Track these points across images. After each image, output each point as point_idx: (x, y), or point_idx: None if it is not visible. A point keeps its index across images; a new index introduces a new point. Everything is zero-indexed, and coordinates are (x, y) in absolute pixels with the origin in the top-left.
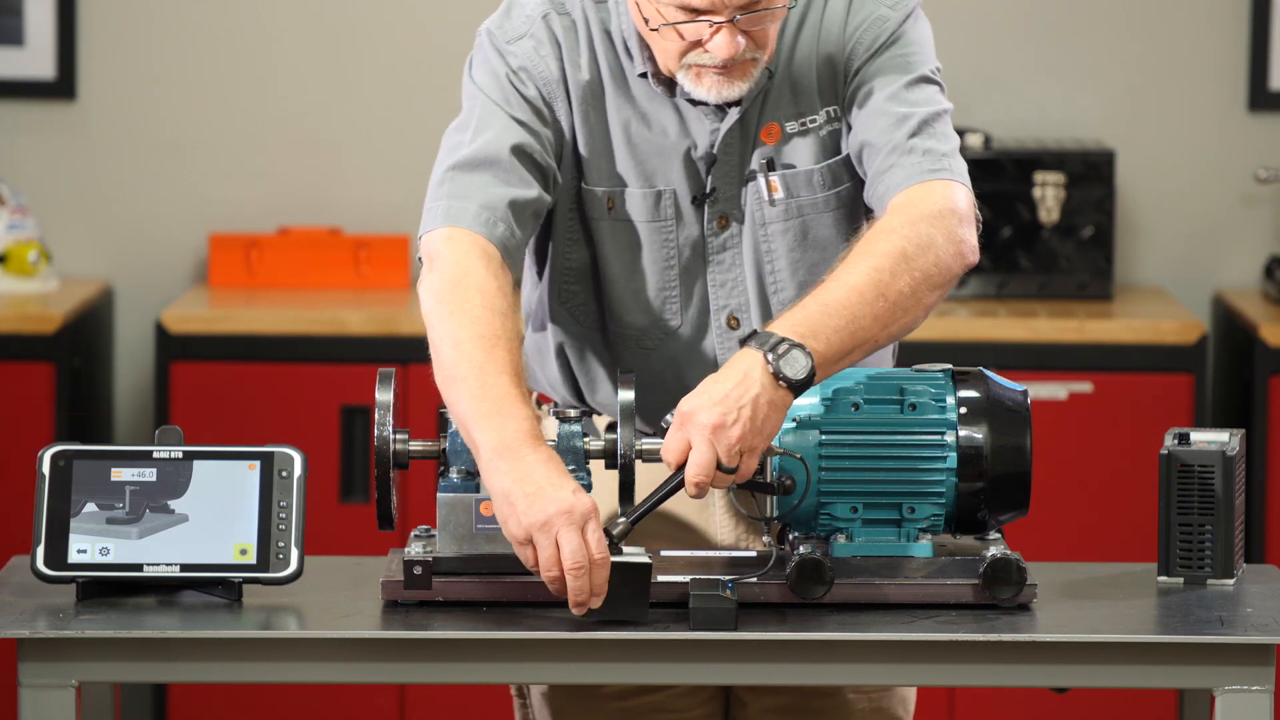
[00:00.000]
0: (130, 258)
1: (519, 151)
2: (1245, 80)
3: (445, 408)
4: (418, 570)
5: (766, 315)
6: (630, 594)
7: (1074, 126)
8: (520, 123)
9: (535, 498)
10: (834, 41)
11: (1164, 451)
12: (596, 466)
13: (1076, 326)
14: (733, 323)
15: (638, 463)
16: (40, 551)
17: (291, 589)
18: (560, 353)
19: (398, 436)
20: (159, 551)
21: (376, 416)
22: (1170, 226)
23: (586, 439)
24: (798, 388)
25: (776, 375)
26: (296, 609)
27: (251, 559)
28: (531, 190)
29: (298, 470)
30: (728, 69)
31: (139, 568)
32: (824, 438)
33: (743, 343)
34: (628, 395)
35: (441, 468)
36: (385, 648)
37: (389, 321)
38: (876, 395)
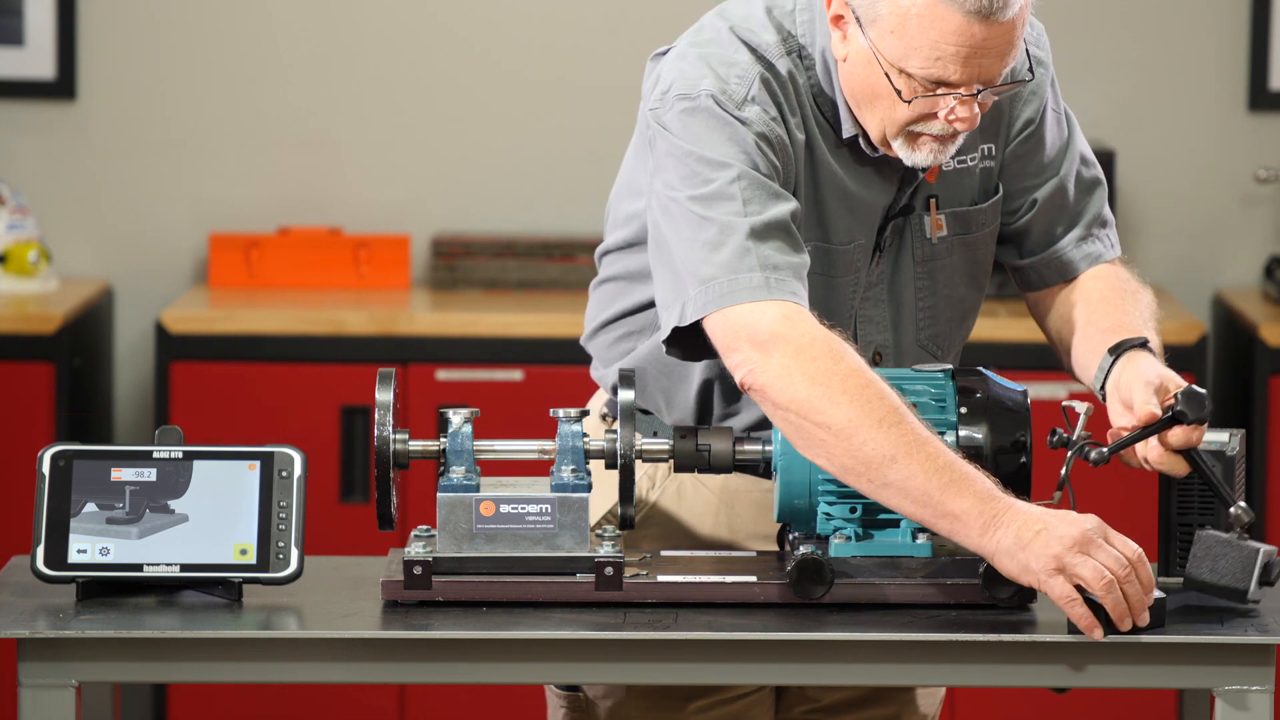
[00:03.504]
0: (130, 258)
1: (794, 216)
2: (1245, 80)
3: (445, 408)
4: (418, 570)
5: (908, 351)
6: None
7: None
8: (780, 190)
9: (1050, 531)
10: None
11: None
12: (596, 467)
13: None
14: (877, 358)
15: (638, 463)
16: (40, 551)
17: (291, 589)
18: (706, 387)
19: (398, 436)
20: (159, 551)
21: (376, 416)
22: (1170, 226)
23: (586, 439)
24: None
25: None
26: (296, 609)
27: (251, 559)
28: (807, 254)
29: (298, 470)
30: (946, 136)
31: (139, 568)
32: None
33: (1124, 350)
34: (628, 395)
35: (441, 468)
36: (385, 648)
37: (389, 321)
38: None
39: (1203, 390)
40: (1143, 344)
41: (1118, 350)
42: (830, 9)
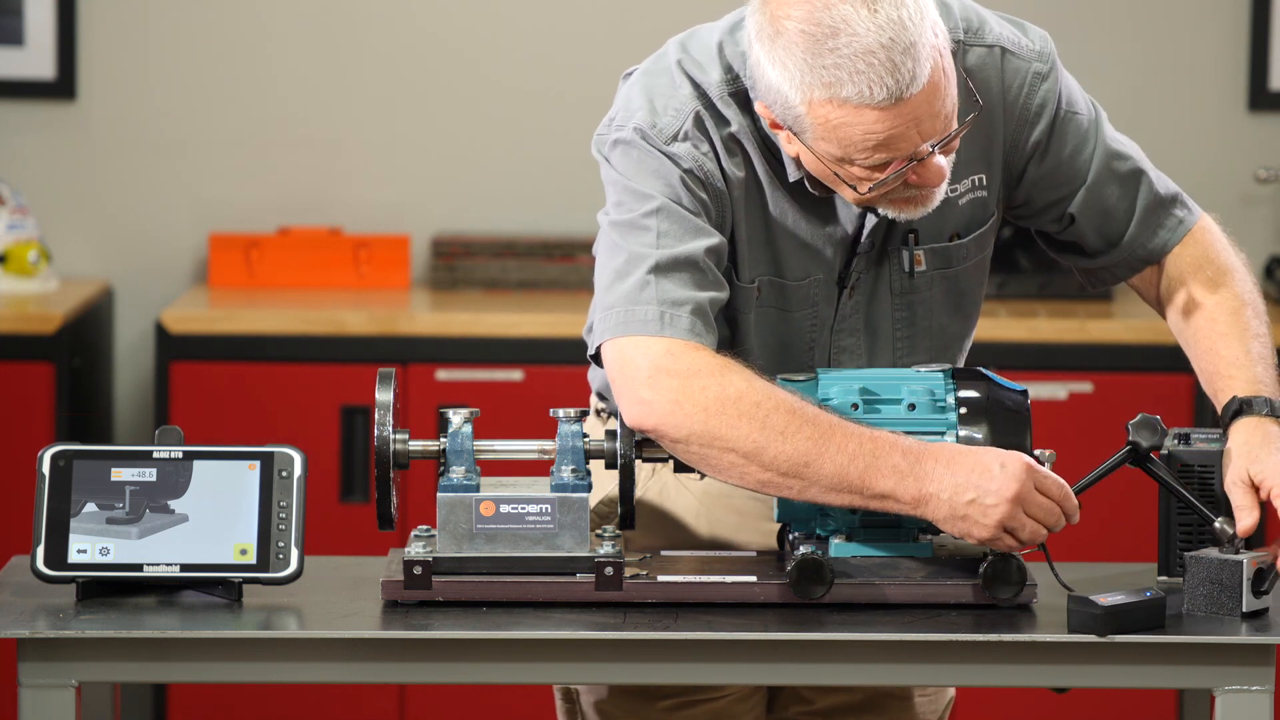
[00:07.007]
0: (130, 258)
1: (710, 253)
2: (1245, 80)
3: (445, 408)
4: (418, 570)
5: None
6: None
7: None
8: (701, 225)
9: (982, 499)
10: (990, 110)
11: (1164, 451)
12: (596, 466)
13: (1077, 326)
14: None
15: (637, 463)
16: (40, 551)
17: (291, 589)
18: None
19: (398, 436)
20: (159, 551)
21: (376, 416)
22: None
23: (586, 439)
24: None
25: None
26: (296, 609)
27: (251, 559)
28: (725, 291)
29: (298, 470)
30: (924, 193)
31: (139, 568)
32: None
33: (1238, 413)
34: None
35: (441, 468)
36: (385, 648)
37: (389, 321)
38: (876, 395)
39: (1157, 416)
40: (1246, 406)
41: (1229, 416)
42: (766, 117)
